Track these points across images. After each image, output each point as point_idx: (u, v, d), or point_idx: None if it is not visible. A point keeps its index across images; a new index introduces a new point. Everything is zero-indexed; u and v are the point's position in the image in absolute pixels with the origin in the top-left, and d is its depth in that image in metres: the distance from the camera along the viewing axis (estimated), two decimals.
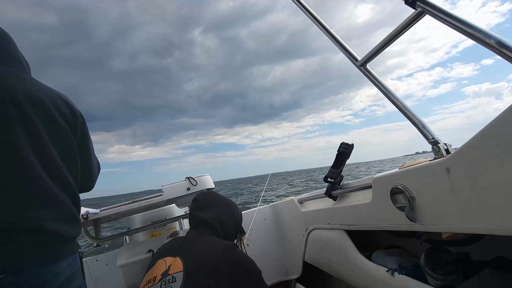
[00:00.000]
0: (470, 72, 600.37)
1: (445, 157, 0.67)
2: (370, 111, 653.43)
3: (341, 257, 1.23)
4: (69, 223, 0.81)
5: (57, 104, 0.83)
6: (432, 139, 0.75)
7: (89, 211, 1.48)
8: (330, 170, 1.21)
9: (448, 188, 0.66)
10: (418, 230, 0.81)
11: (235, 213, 1.21)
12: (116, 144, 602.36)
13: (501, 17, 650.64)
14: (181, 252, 0.92)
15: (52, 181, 0.78)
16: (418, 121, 0.80)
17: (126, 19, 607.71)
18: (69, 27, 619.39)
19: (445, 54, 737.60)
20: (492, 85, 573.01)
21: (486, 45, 0.56)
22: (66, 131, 0.85)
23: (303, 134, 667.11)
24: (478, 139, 0.58)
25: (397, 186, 0.80)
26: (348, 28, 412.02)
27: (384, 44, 0.83)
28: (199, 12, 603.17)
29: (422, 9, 0.67)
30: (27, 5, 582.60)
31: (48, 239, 0.73)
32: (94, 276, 1.53)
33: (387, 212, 0.88)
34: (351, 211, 1.10)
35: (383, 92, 0.88)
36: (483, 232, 0.61)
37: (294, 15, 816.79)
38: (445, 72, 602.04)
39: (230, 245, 0.95)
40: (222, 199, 1.24)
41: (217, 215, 1.12)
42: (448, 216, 0.69)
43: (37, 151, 0.76)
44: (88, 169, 0.99)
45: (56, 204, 0.78)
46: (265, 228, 1.90)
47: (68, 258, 0.79)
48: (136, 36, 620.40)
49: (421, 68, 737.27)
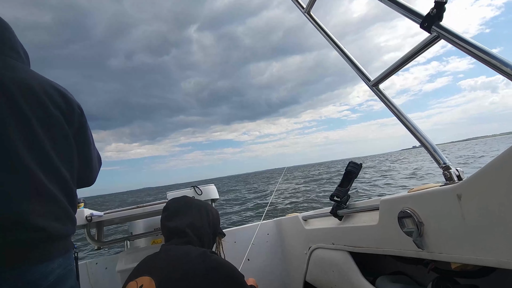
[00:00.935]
0: (466, 66, 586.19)
1: (456, 183, 0.65)
2: (367, 106, 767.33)
3: (343, 279, 1.19)
4: (59, 220, 0.76)
5: (51, 93, 0.80)
6: (444, 164, 0.73)
7: (94, 213, 1.49)
8: (337, 188, 1.19)
9: (459, 216, 0.64)
10: (425, 258, 0.78)
11: (210, 215, 1.12)
12: (114, 143, 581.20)
13: (496, 11, 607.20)
14: (153, 270, 0.84)
15: (43, 174, 0.74)
16: (429, 144, 0.78)
17: (122, 17, 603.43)
18: (65, 26, 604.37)
19: (441, 48, 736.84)
20: (488, 78, 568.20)
21: (503, 73, 0.56)
22: (60, 122, 0.81)
23: (301, 130, 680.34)
24: (492, 166, 0.56)
25: (405, 209, 0.78)
26: (343, 23, 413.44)
27: (397, 66, 0.83)
28: (195, 9, 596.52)
29: (438, 33, 0.67)
30: (22, 4, 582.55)
31: (34, 236, 0.69)
32: (92, 279, 1.52)
33: (393, 236, 0.85)
34: (356, 232, 1.08)
35: (395, 114, 0.87)
36: (494, 265, 0.59)
37: (289, 12, 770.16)
38: (441, 66, 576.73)
39: (206, 252, 0.88)
40: (194, 202, 1.14)
41: (189, 221, 1.03)
42: (457, 245, 0.66)
43: (27, 143, 0.72)
44: (87, 163, 0.94)
45: (45, 199, 0.73)
46: (267, 244, 1.87)
47: (59, 258, 0.75)
48: (133, 34, 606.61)
49: (417, 63, 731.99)
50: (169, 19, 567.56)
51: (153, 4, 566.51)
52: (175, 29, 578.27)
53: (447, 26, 0.66)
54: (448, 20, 0.66)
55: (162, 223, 1.06)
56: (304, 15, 1.20)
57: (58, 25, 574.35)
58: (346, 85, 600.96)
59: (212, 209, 1.15)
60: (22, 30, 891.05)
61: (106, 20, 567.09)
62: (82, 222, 1.45)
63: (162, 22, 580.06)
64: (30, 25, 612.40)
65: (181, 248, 0.91)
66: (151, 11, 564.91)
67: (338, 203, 1.18)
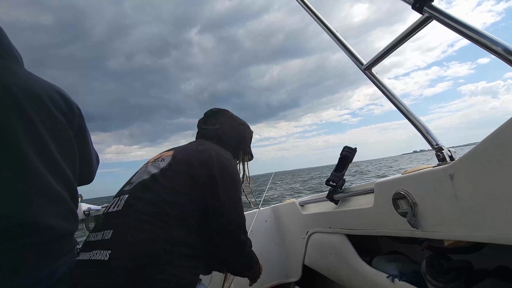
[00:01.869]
0: (467, 71, 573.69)
1: (448, 164, 0.66)
2: (367, 110, 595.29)
3: (341, 261, 1.22)
4: (66, 219, 0.79)
5: (53, 97, 0.82)
6: (436, 145, 0.74)
7: (91, 208, 1.49)
8: (332, 173, 1.21)
9: (451, 195, 0.65)
10: (420, 237, 0.80)
11: (241, 126, 1.17)
12: (114, 145, 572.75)
13: (497, 16, 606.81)
14: (176, 149, 0.97)
15: (50, 175, 0.77)
16: (422, 126, 0.79)
17: (123, 19, 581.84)
18: (64, 27, 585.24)
19: (442, 53, 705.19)
20: (489, 83, 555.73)
21: (494, 52, 0.56)
22: (63, 124, 0.83)
23: (301, 133, 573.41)
24: (483, 146, 0.57)
25: (399, 191, 0.80)
26: (344, 27, 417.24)
27: (389, 48, 0.82)
28: (196, 12, 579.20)
29: (429, 14, 0.67)
30: (22, 5, 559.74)
31: (44, 236, 0.72)
32: None
33: (388, 217, 0.87)
34: (352, 215, 1.10)
35: (387, 96, 0.88)
36: (486, 240, 0.61)
37: (291, 15, 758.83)
38: (442, 71, 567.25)
39: (221, 150, 0.97)
40: (230, 115, 1.19)
41: (219, 126, 1.11)
42: (450, 223, 0.68)
43: (35, 146, 0.75)
44: (87, 162, 0.97)
45: (53, 199, 0.76)
46: (265, 230, 1.89)
47: (65, 255, 0.78)
48: (133, 36, 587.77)
49: (418, 67, 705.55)
50: (169, 21, 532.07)
51: (153, 6, 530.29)
52: (176, 31, 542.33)
53: (439, 7, 0.65)
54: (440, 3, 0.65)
55: (197, 125, 1.17)
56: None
57: (58, 26, 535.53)
58: (347, 88, 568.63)
59: (245, 127, 1.21)
60: (21, 31, 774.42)
61: (106, 21, 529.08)
62: (80, 216, 1.45)
63: (163, 24, 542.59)
64: (30, 26, 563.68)
65: (203, 142, 1.02)
66: (151, 13, 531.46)
67: (334, 188, 1.20)
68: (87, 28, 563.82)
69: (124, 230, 0.73)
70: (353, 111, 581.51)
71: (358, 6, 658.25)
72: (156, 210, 0.76)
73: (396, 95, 0.86)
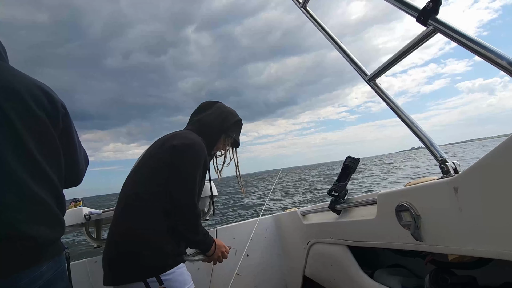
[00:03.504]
0: (464, 68, 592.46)
1: (453, 176, 0.66)
2: (365, 108, 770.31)
3: (342, 273, 1.20)
4: (48, 225, 0.75)
5: (35, 95, 0.77)
6: (440, 158, 0.74)
7: (92, 212, 1.48)
8: (335, 183, 1.20)
9: (456, 208, 0.64)
10: (423, 250, 0.79)
11: (225, 113, 1.25)
12: (112, 143, 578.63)
13: (493, 13, 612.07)
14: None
15: (31, 179, 0.73)
16: (426, 138, 0.79)
17: (119, 17, 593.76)
18: (61, 25, 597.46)
19: (439, 50, 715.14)
20: (485, 80, 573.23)
21: (498, 65, 0.56)
22: (46, 125, 0.78)
23: (299, 131, 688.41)
24: (488, 158, 0.57)
25: (402, 203, 0.79)
26: (341, 25, 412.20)
27: (393, 60, 0.83)
28: (193, 9, 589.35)
29: (434, 27, 0.67)
30: (18, 3, 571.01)
31: (23, 245, 0.68)
32: (92, 278, 1.52)
33: (391, 230, 0.86)
34: (354, 227, 1.08)
35: (391, 108, 0.88)
36: (491, 256, 0.60)
37: (288, 12, 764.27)
38: (439, 68, 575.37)
39: (187, 134, 1.10)
40: (220, 105, 1.28)
41: (203, 116, 1.22)
42: (454, 237, 0.67)
43: (15, 149, 0.71)
44: (73, 163, 0.92)
45: (35, 206, 0.73)
46: (266, 239, 1.88)
47: (48, 261, 0.74)
48: (130, 34, 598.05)
49: (415, 65, 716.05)
50: (166, 19, 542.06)
51: (150, 4, 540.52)
52: (173, 29, 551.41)
53: (444, 20, 0.66)
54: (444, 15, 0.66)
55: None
56: (301, 10, 1.20)
57: (54, 24, 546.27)
58: (344, 86, 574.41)
59: (229, 114, 1.26)
60: (18, 29, 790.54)
61: (102, 19, 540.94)
62: (81, 220, 1.45)
63: (160, 22, 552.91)
64: (27, 24, 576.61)
65: (175, 133, 1.15)
66: (148, 11, 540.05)
67: (336, 198, 1.19)
68: (84, 26, 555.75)
69: None
70: (351, 108, 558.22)
71: (355, 4, 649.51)
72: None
73: (400, 106, 0.86)
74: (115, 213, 1.02)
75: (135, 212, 0.97)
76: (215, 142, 1.21)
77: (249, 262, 1.77)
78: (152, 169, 1.03)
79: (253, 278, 1.78)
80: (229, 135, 1.26)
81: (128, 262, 0.92)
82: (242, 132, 1.37)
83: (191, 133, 1.13)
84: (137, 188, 1.01)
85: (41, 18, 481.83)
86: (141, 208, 0.97)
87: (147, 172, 1.03)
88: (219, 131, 1.21)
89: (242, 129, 1.34)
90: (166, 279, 0.91)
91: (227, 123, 1.23)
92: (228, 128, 1.23)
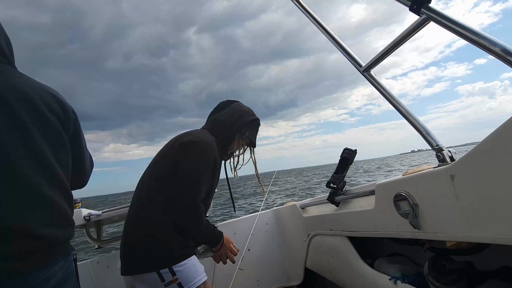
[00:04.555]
0: (464, 72, 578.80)
1: (449, 164, 0.66)
2: (365, 110, 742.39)
3: (343, 264, 1.22)
4: (61, 225, 0.78)
5: (47, 100, 0.80)
6: (436, 146, 0.74)
7: (92, 213, 1.48)
8: (333, 175, 1.20)
9: (452, 196, 0.65)
10: (422, 238, 0.80)
11: (241, 112, 1.24)
12: (112, 143, 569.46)
13: (494, 17, 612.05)
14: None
15: (45, 181, 0.75)
16: (421, 127, 0.79)
17: (120, 19, 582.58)
18: (63, 27, 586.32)
19: (439, 54, 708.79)
20: (485, 84, 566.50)
21: (492, 53, 0.56)
22: (57, 128, 0.81)
23: (299, 133, 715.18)
24: (483, 146, 0.57)
25: (400, 192, 0.80)
26: (341, 28, 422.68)
27: (387, 50, 0.83)
28: (194, 12, 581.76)
29: (427, 16, 0.67)
30: (20, 4, 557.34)
31: (35, 245, 0.70)
32: (94, 278, 1.53)
33: (390, 219, 0.87)
34: (353, 217, 1.09)
35: (386, 97, 0.88)
36: (488, 241, 0.60)
37: (288, 15, 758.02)
38: (439, 72, 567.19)
39: (202, 133, 1.12)
40: (236, 104, 1.28)
41: (218, 115, 1.22)
42: (452, 224, 0.68)
43: (30, 151, 0.73)
44: (81, 166, 0.96)
45: (48, 206, 0.75)
46: (266, 233, 1.89)
47: (60, 261, 0.76)
48: (131, 36, 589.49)
49: (415, 68, 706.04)
50: (167, 21, 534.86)
51: (151, 6, 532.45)
52: (174, 31, 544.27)
53: (436, 8, 0.65)
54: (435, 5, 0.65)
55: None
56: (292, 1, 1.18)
57: (56, 26, 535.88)
58: (344, 89, 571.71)
59: (244, 113, 1.25)
60: (19, 30, 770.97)
61: (104, 21, 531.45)
62: (80, 222, 1.45)
63: (161, 24, 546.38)
64: (28, 25, 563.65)
65: (188, 132, 1.15)
66: (149, 13, 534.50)
67: (335, 190, 1.19)
68: (86, 28, 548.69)
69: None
70: (351, 110, 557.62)
71: (355, 7, 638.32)
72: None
73: (395, 96, 0.86)
74: (130, 209, 1.07)
75: (147, 207, 1.01)
76: (229, 141, 1.20)
77: (250, 256, 1.78)
78: (162, 167, 1.06)
79: (255, 272, 1.79)
80: (243, 134, 1.23)
81: (141, 253, 0.96)
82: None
83: (203, 132, 1.14)
84: (151, 183, 1.05)
85: (43, 19, 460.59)
86: (153, 203, 1.00)
87: (158, 172, 1.06)
88: (232, 131, 1.19)
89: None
90: (179, 270, 0.93)
91: (240, 122, 1.21)
92: (241, 127, 1.21)
